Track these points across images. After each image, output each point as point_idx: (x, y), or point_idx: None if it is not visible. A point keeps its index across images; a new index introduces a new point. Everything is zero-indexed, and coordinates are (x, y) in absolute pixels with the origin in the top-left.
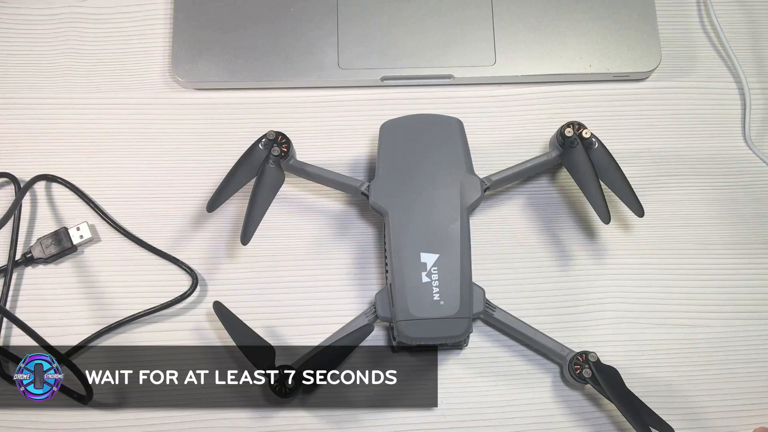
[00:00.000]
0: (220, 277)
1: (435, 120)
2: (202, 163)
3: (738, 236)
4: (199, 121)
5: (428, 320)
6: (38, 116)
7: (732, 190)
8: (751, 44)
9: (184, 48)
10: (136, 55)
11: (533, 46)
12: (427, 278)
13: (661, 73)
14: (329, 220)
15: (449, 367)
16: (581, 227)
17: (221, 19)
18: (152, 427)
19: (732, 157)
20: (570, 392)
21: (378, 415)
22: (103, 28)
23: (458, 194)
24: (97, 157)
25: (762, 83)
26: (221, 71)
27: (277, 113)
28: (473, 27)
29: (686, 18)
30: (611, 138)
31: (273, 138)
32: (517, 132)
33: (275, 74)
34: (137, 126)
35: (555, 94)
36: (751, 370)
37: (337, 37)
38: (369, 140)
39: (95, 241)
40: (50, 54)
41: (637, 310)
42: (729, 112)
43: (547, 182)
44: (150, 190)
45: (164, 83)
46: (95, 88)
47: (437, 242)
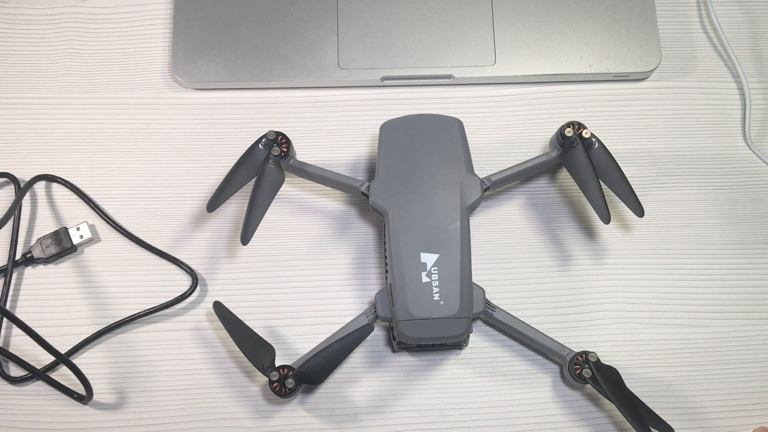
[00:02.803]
0: (220, 277)
1: (435, 120)
2: (202, 163)
3: (738, 236)
4: (199, 121)
5: (428, 320)
6: (38, 116)
7: (732, 190)
8: (751, 44)
9: (184, 48)
10: (136, 55)
11: (533, 46)
12: (427, 278)
13: (661, 73)
14: (329, 220)
15: (449, 367)
16: (581, 227)
17: (221, 19)
18: (152, 427)
19: (732, 157)
20: (570, 392)
21: (378, 415)
22: (103, 28)
23: (458, 194)
24: (97, 157)
25: (762, 83)
26: (221, 71)
27: (277, 113)
28: (473, 27)
29: (686, 18)
30: (611, 138)
31: (273, 138)
32: (517, 132)
33: (275, 74)
34: (137, 126)
35: (555, 94)
36: (751, 370)
37: (337, 37)
38: (369, 140)
39: (95, 241)
40: (50, 54)
41: (637, 310)
42: (729, 112)
43: (547, 182)
44: (150, 190)
45: (164, 83)
46: (95, 88)
47: (437, 242)
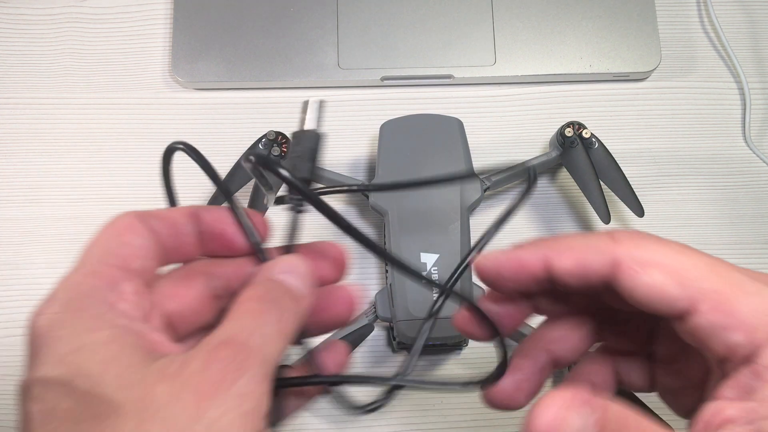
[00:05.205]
0: None
1: (435, 120)
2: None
3: (738, 236)
4: (199, 121)
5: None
6: (38, 116)
7: (732, 190)
8: (751, 44)
9: (184, 48)
10: (136, 55)
11: (533, 46)
12: None
13: (661, 73)
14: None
15: (449, 367)
16: (581, 227)
17: (221, 19)
18: None
19: (732, 157)
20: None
21: (378, 415)
22: (103, 28)
23: (458, 194)
24: (97, 157)
25: (762, 83)
26: (221, 71)
27: (277, 113)
28: (473, 27)
29: (686, 18)
30: (611, 138)
31: (273, 138)
32: (517, 132)
33: (275, 74)
34: (137, 126)
35: (555, 94)
36: None
37: (337, 37)
38: (369, 140)
39: None
40: (50, 54)
41: None
42: (729, 112)
43: (547, 182)
44: (150, 190)
45: (164, 83)
46: (95, 88)
47: (437, 242)
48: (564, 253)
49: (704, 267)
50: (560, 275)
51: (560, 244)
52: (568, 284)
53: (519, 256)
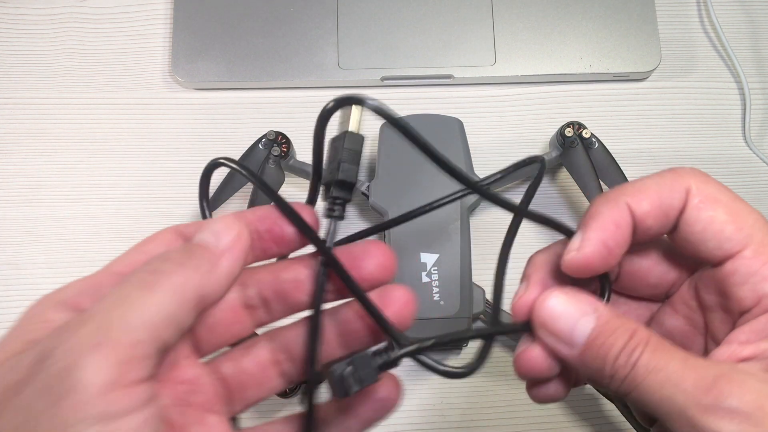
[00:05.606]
0: None
1: (435, 120)
2: (202, 163)
3: None
4: (199, 121)
5: (428, 320)
6: (38, 116)
7: (732, 190)
8: (751, 44)
9: (184, 48)
10: (136, 55)
11: (533, 46)
12: (427, 278)
13: (661, 73)
14: None
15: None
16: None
17: (221, 19)
18: None
19: (732, 157)
20: (570, 392)
21: None
22: (103, 28)
23: None
24: (97, 157)
25: (762, 83)
26: (221, 71)
27: (277, 113)
28: (473, 27)
29: (686, 18)
30: (611, 138)
31: (273, 138)
32: (517, 132)
33: (275, 74)
34: (137, 126)
35: (555, 94)
36: None
37: (337, 37)
38: (369, 140)
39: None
40: (50, 54)
41: None
42: (729, 112)
43: (547, 182)
44: (150, 190)
45: (164, 83)
46: (95, 88)
47: (437, 242)
48: (639, 195)
49: (758, 218)
50: (641, 219)
51: (632, 188)
52: (648, 229)
53: (612, 217)
